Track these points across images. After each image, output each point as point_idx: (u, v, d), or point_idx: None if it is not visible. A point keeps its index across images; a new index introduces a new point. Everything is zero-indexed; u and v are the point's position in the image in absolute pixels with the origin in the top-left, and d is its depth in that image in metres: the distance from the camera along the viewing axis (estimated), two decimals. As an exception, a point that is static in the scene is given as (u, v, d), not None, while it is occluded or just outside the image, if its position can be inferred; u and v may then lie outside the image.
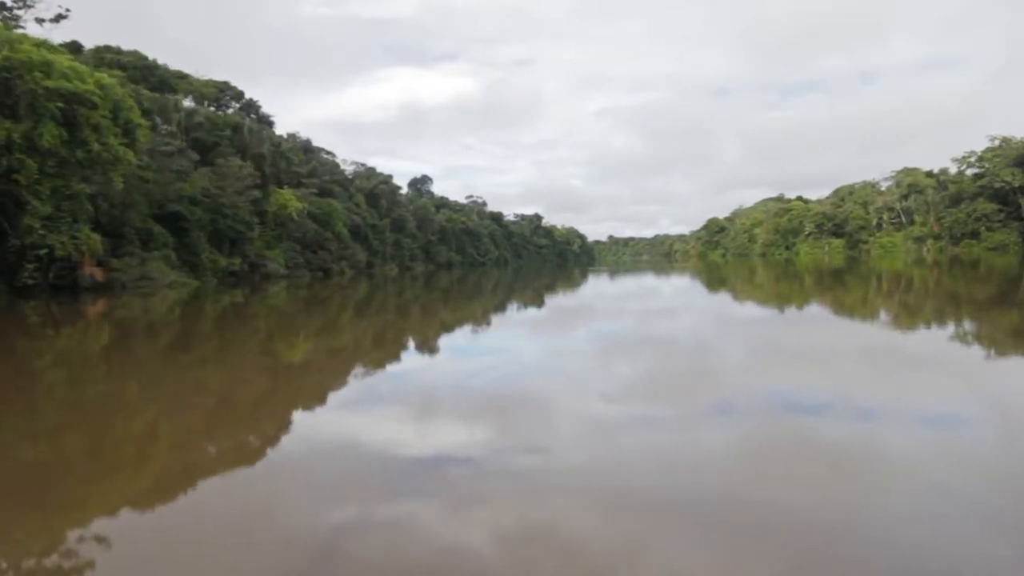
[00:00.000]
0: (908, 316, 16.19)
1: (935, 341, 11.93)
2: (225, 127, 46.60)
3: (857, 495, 4.14)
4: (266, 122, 53.74)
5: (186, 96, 45.67)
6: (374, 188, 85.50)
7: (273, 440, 6.14)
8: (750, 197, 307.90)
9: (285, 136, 67.84)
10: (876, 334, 13.15)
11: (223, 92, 52.19)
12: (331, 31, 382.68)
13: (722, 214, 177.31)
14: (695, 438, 5.59)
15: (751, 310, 20.79)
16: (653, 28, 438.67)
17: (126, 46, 46.67)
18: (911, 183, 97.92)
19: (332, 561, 3.40)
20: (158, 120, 39.87)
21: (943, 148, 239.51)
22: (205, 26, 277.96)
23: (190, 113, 40.79)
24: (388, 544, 3.57)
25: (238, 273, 45.08)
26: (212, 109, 51.82)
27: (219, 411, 7.45)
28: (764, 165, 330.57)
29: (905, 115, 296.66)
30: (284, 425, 6.71)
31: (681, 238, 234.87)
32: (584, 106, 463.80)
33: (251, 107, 53.32)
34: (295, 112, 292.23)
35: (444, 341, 13.95)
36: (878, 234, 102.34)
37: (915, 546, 3.44)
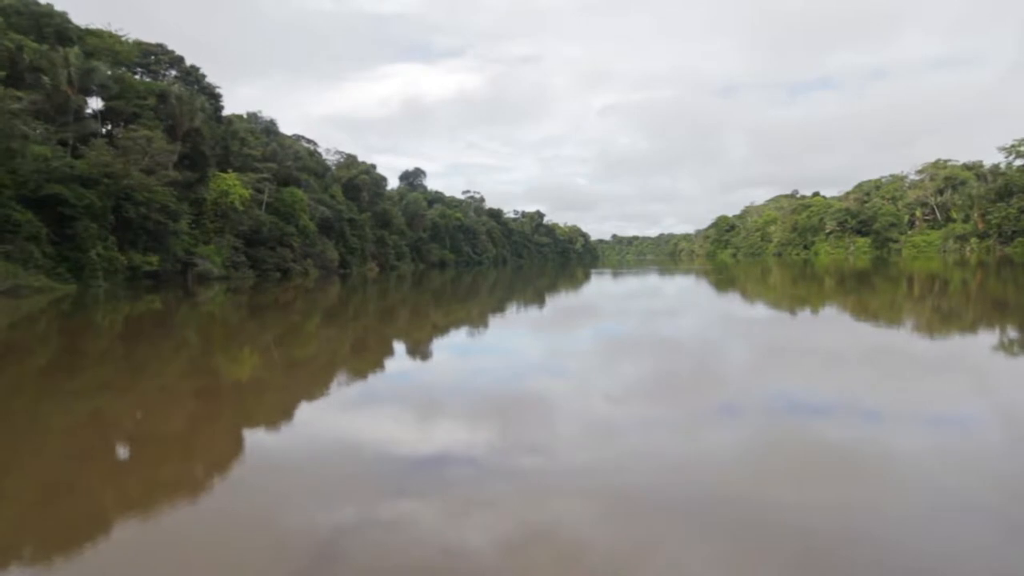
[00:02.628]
0: (951, 329, 13.80)
1: (973, 354, 10.25)
2: (148, 94, 37.92)
3: (863, 499, 4.06)
4: (209, 93, 45.04)
5: (101, 58, 37.00)
6: (354, 178, 76.77)
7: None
8: (756, 196, 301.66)
9: (245, 115, 59.27)
10: (902, 346, 11.15)
11: (155, 56, 43.44)
12: (334, 26, 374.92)
13: (728, 213, 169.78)
14: (698, 443, 5.46)
15: (766, 318, 18.04)
16: (659, 25, 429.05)
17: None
18: (947, 176, 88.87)
19: (333, 562, 3.37)
20: (46, 80, 31.23)
21: (954, 146, 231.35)
22: (205, 21, 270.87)
23: (89, 72, 32.28)
24: (388, 546, 3.54)
25: (158, 274, 36.54)
26: (145, 76, 43.17)
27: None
28: (771, 163, 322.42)
29: (917, 112, 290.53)
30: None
31: (686, 237, 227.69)
32: (589, 103, 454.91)
33: (191, 75, 44.64)
34: (297, 108, 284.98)
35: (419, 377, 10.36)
36: (910, 232, 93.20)
37: (921, 549, 3.41)
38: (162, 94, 38.42)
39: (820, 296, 23.27)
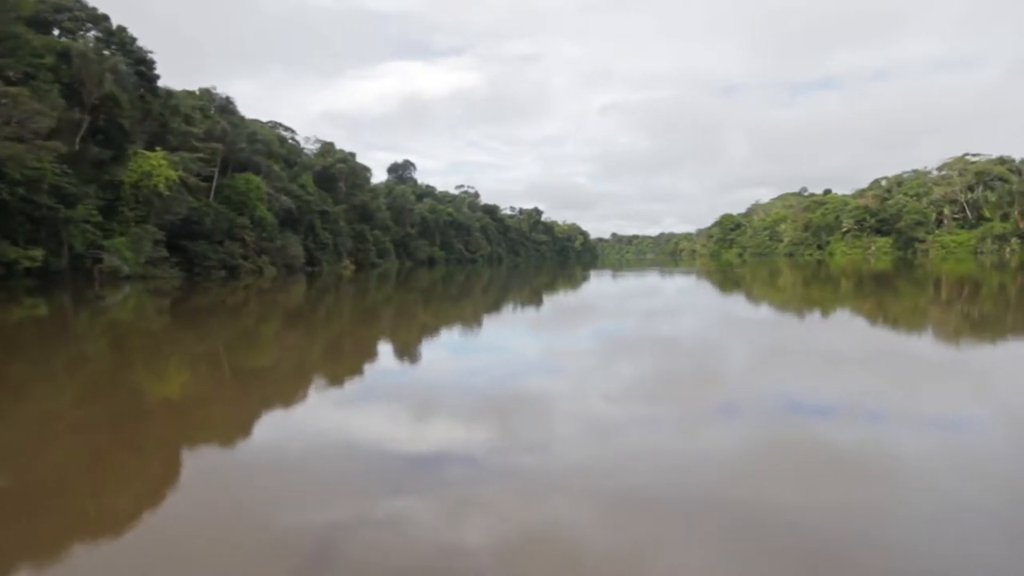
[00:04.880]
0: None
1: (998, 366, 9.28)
2: (45, 52, 30.71)
3: (866, 501, 3.95)
4: (138, 59, 37.79)
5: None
6: (329, 167, 69.47)
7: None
8: (757, 196, 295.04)
9: (198, 91, 52.00)
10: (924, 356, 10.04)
11: (71, 13, 36.13)
12: (334, 23, 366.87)
13: (730, 212, 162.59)
14: (699, 443, 5.33)
15: (775, 323, 15.73)
16: (659, 25, 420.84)
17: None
18: (979, 171, 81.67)
19: (330, 563, 3.29)
20: None
21: (955, 146, 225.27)
22: (204, 18, 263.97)
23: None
24: (385, 546, 3.45)
25: (48, 272, 29.37)
26: (62, 37, 35.93)
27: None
28: (772, 163, 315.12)
29: (918, 112, 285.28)
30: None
31: (687, 236, 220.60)
32: (590, 102, 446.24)
33: (114, 37, 37.39)
34: (296, 105, 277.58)
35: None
36: (938, 232, 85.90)
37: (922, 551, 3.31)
38: (63, 52, 31.19)
39: (836, 302, 21.30)
